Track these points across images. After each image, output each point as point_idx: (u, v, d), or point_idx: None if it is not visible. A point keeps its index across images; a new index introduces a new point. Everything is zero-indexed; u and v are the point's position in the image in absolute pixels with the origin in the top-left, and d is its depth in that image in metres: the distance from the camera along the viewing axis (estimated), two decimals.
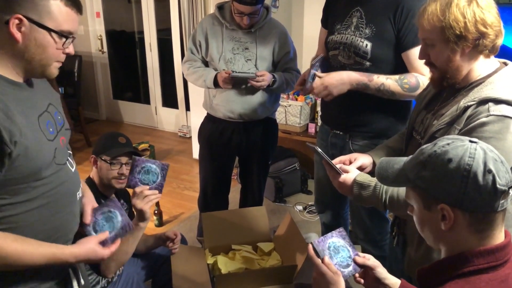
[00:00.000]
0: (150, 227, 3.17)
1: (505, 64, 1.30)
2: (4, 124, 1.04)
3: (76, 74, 4.53)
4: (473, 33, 1.20)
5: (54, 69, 1.17)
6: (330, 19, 1.99)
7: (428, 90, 1.49)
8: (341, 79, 1.78)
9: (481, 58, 1.26)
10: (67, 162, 1.26)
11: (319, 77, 1.81)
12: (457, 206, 0.87)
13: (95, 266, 1.60)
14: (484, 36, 1.21)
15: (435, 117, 1.34)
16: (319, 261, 1.19)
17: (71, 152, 1.33)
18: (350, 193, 1.43)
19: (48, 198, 1.18)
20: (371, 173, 1.54)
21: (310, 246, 1.22)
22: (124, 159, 1.85)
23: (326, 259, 1.20)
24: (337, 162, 1.54)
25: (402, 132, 1.65)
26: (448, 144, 0.90)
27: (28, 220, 1.15)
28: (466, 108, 1.22)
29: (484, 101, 1.20)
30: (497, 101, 1.18)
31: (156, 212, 3.18)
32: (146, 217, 1.63)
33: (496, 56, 1.31)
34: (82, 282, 1.37)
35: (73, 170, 1.28)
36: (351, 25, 1.86)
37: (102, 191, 1.87)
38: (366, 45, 1.79)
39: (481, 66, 1.27)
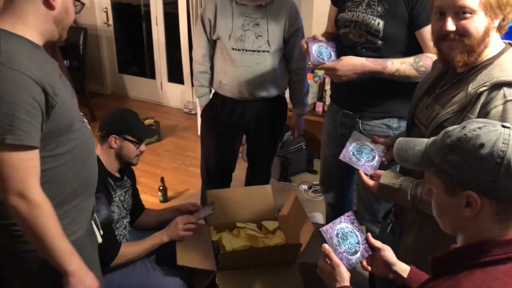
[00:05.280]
0: (155, 202, 3.19)
1: (510, 44, 1.25)
2: (46, 80, 1.15)
3: (81, 47, 4.47)
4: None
5: (66, 32, 1.30)
6: None
7: (429, 76, 1.44)
8: (354, 68, 1.73)
9: (496, 37, 1.22)
10: (85, 120, 1.38)
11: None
12: (485, 194, 0.82)
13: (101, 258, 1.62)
14: (508, 16, 1.18)
15: (438, 104, 1.29)
16: (323, 254, 1.17)
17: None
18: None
19: (78, 152, 1.29)
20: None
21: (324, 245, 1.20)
22: None
23: (326, 246, 1.17)
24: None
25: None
26: (479, 128, 0.84)
27: (63, 174, 1.26)
28: (479, 94, 1.16)
29: (497, 86, 1.14)
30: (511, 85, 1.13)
31: (161, 188, 3.18)
32: (178, 240, 1.87)
33: None
34: (101, 232, 1.54)
35: (89, 127, 1.41)
36: (362, 3, 1.80)
37: (109, 169, 1.85)
38: (378, 23, 1.74)
39: (492, 45, 1.22)
